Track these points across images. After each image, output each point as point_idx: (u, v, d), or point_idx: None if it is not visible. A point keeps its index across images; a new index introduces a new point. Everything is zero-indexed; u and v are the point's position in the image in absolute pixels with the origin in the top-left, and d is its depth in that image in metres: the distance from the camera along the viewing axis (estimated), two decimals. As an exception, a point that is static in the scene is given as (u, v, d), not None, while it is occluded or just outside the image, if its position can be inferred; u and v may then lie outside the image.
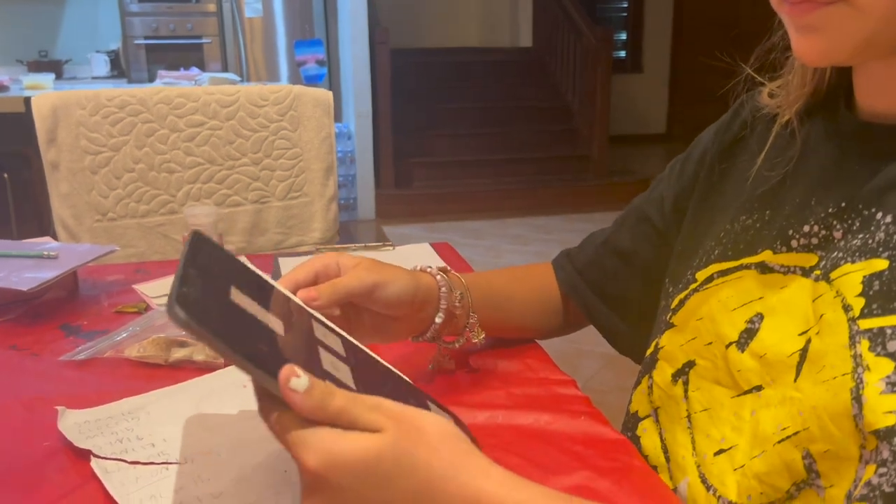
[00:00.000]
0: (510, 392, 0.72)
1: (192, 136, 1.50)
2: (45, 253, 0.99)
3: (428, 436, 0.43)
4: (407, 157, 5.09)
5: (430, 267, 0.73)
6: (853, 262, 0.54)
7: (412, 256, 1.17)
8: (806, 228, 0.60)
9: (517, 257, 4.00)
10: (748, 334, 0.61)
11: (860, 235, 0.55)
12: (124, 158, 1.47)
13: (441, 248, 1.21)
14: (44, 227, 2.62)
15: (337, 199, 1.58)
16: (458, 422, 0.60)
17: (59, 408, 0.67)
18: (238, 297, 0.48)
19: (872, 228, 0.54)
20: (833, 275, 0.56)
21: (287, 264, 1.12)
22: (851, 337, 0.52)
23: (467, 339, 0.73)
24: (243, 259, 0.62)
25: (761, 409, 0.58)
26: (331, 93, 1.55)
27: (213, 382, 0.74)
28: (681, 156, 0.79)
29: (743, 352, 0.60)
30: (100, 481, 0.57)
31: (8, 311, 0.92)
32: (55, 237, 1.48)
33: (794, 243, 0.60)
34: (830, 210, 0.58)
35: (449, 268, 0.75)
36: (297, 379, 0.41)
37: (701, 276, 0.67)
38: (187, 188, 1.51)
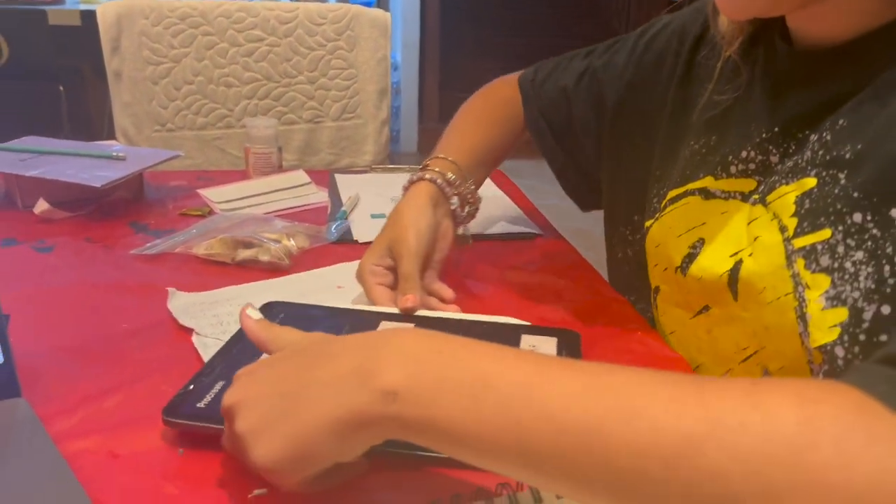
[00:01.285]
0: (566, 307, 0.74)
1: (250, 51, 1.51)
2: (114, 154, 1.02)
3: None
4: (452, 91, 5.05)
5: (415, 174, 0.78)
6: (787, 183, 0.56)
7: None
8: (743, 154, 0.61)
9: (557, 200, 3.98)
10: (689, 259, 0.63)
11: (794, 158, 0.56)
12: (184, 70, 1.49)
13: (495, 176, 1.22)
14: (96, 139, 2.67)
15: (389, 123, 1.59)
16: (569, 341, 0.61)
17: (169, 289, 0.72)
18: None
19: (804, 149, 0.55)
20: (769, 198, 0.57)
21: (343, 181, 1.14)
22: (788, 257, 0.53)
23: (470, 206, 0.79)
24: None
25: (714, 327, 0.61)
26: (389, 14, 1.54)
27: (311, 281, 0.78)
28: (643, 38, 0.78)
29: (685, 275, 0.63)
30: (180, 359, 0.61)
31: (79, 208, 0.95)
32: (116, 145, 1.51)
33: (732, 169, 0.62)
34: (764, 135, 0.60)
35: (427, 161, 0.80)
36: (252, 310, 0.50)
37: (661, 204, 0.69)
38: (244, 103, 1.53)
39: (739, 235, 0.58)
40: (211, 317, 0.69)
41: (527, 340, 0.61)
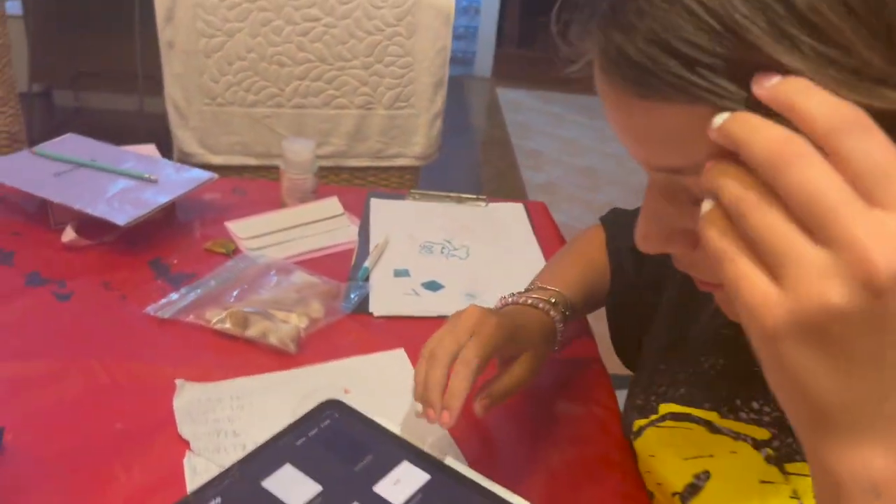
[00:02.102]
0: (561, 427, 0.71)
1: (306, 30, 1.46)
2: (147, 176, 1.01)
3: None
4: (534, 15, 4.83)
5: (539, 305, 0.72)
6: None
7: (501, 216, 1.14)
8: (755, 405, 0.55)
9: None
10: (693, 489, 0.58)
11: None
12: (237, 45, 1.45)
13: (534, 210, 1.17)
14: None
15: (442, 116, 1.53)
16: None
17: (177, 381, 0.73)
18: (275, 481, 0.60)
19: None
20: (789, 467, 0.51)
21: (377, 209, 1.11)
22: None
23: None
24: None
25: None
26: (452, 2, 1.46)
27: (318, 378, 0.76)
28: None
29: None
30: (164, 487, 0.62)
31: (105, 232, 0.95)
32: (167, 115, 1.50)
33: (742, 415, 0.56)
34: None
35: (557, 292, 0.74)
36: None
37: (661, 408, 0.63)
38: (296, 84, 1.49)
39: (751, 493, 0.53)
40: (211, 422, 0.69)
41: None
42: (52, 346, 0.77)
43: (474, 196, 1.17)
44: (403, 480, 0.63)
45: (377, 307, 0.88)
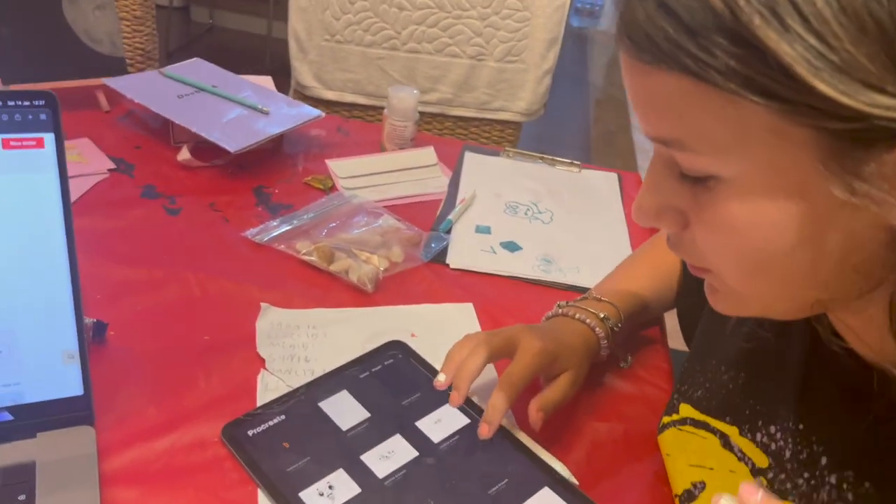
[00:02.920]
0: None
1: (428, -24, 1.47)
2: (260, 107, 1.07)
3: None
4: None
5: (587, 320, 0.73)
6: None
7: (592, 184, 1.14)
8: (772, 429, 0.55)
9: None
10: (688, 496, 0.59)
11: (805, 475, 0.50)
12: (361, -15, 1.48)
13: (629, 181, 1.17)
14: None
15: (552, 74, 1.53)
16: None
17: (262, 304, 0.79)
18: (331, 404, 0.68)
19: (817, 474, 0.49)
20: None
21: (471, 163, 1.14)
22: None
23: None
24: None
25: None
26: (578, -39, 1.44)
27: (389, 320, 0.81)
28: None
29: None
30: (238, 398, 0.68)
31: (215, 156, 1.03)
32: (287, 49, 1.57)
33: (758, 436, 0.56)
34: (790, 424, 0.52)
35: (610, 305, 0.75)
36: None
37: (682, 409, 0.64)
38: (412, 28, 1.52)
39: None
40: (287, 346, 0.75)
41: (542, 497, 0.62)
42: (156, 255, 0.85)
43: (568, 161, 1.18)
44: (444, 420, 0.68)
45: (454, 259, 0.92)
